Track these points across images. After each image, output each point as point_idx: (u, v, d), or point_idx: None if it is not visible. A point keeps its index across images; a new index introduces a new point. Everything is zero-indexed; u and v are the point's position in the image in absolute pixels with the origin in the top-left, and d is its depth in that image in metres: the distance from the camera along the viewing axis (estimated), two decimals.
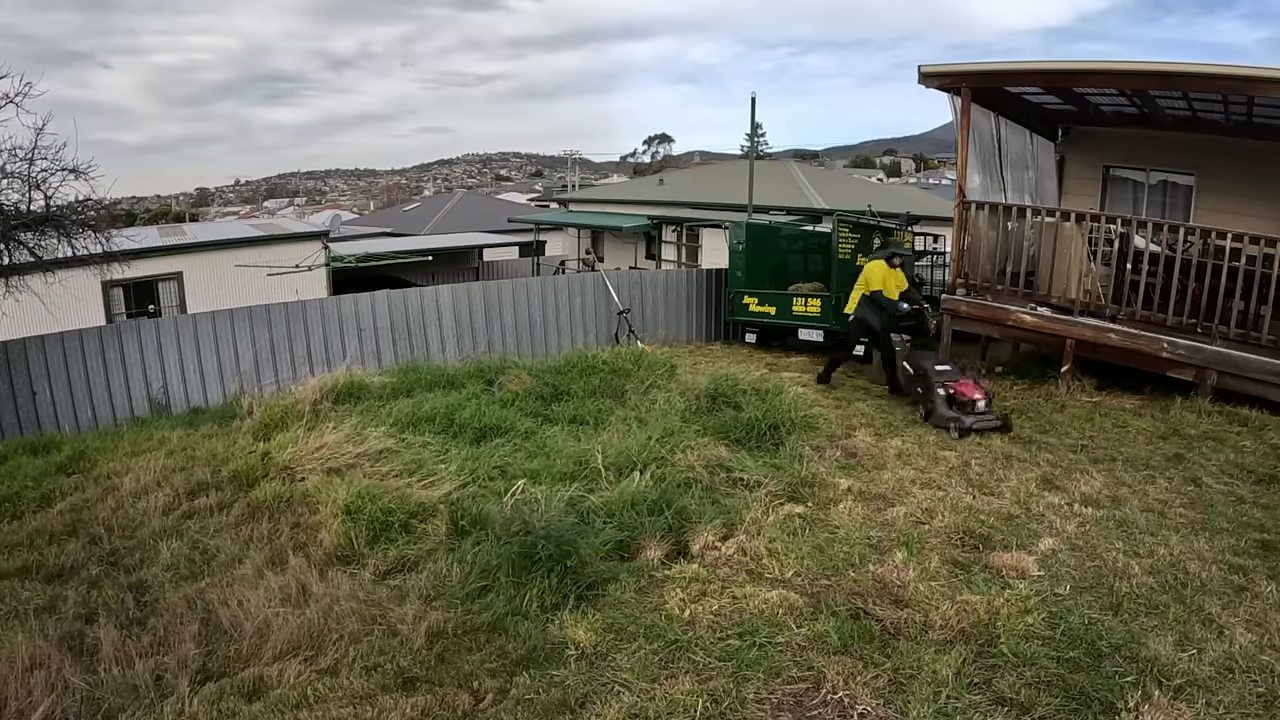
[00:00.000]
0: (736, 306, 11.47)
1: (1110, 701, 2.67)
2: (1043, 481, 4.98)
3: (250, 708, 2.77)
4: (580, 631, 3.18)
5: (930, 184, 54.78)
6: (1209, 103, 8.31)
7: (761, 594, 3.49)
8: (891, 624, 3.23)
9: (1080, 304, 7.62)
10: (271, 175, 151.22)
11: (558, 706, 2.73)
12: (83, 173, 7.76)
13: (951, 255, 9.20)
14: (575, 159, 57.77)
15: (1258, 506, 4.57)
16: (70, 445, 6.65)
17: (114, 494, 5.29)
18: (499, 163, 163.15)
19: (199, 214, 60.31)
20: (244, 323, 9.47)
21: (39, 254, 7.84)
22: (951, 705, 2.71)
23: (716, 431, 5.63)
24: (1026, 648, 3.02)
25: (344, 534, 4.18)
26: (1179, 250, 7.12)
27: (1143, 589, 3.51)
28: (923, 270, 13.49)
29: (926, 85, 8.42)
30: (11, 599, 3.86)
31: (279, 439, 5.64)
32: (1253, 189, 8.82)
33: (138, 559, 4.33)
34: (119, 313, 14.46)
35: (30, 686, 2.98)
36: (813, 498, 4.69)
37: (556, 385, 7.02)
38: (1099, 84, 8.18)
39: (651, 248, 21.42)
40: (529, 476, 4.81)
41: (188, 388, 9.21)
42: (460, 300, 10.74)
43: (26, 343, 8.47)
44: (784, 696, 2.82)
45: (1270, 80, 6.40)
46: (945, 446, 5.78)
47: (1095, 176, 10.51)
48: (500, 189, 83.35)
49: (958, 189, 8.66)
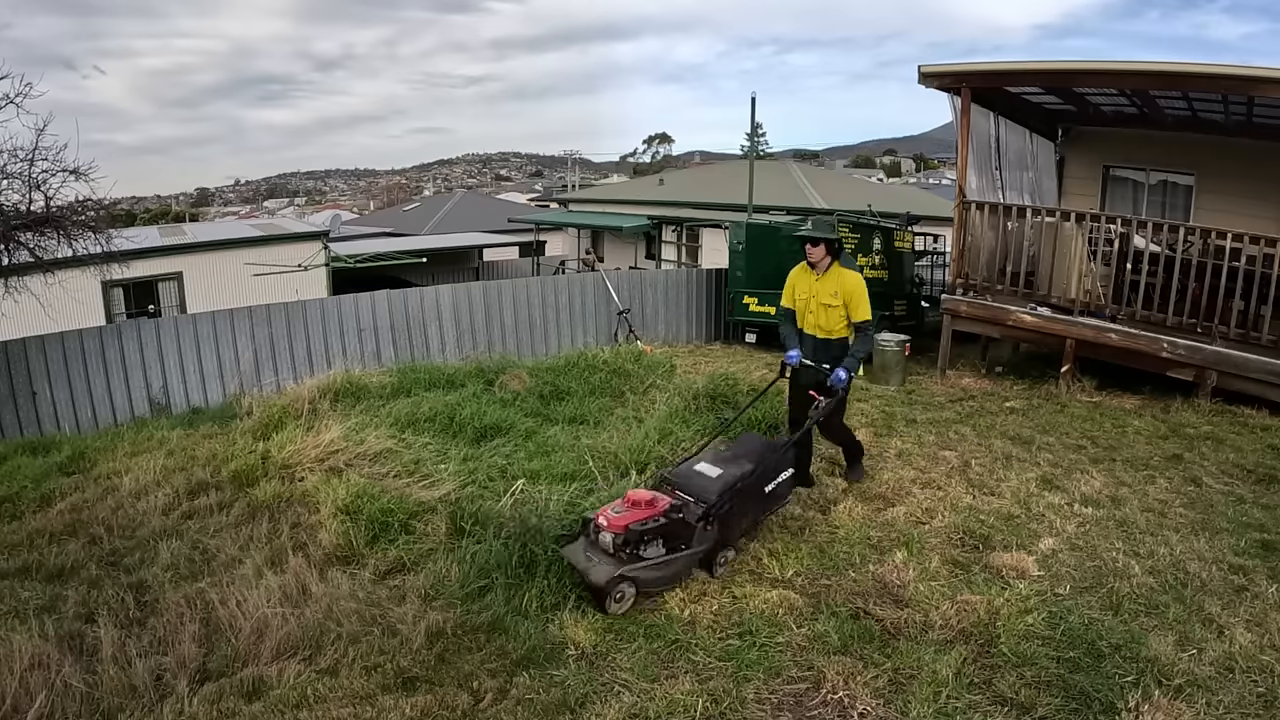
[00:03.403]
0: (736, 306, 11.47)
1: (1110, 701, 2.67)
2: (1043, 481, 4.98)
3: (250, 708, 2.77)
4: (580, 631, 3.18)
5: (930, 184, 54.74)
6: (1209, 103, 8.31)
7: (761, 594, 3.49)
8: (891, 624, 3.23)
9: (1080, 304, 7.62)
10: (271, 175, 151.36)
11: (558, 706, 2.73)
12: (83, 174, 7.77)
13: (951, 255, 9.20)
14: (575, 159, 57.84)
15: (1258, 506, 4.57)
16: (70, 445, 6.65)
17: (114, 494, 5.28)
18: (499, 163, 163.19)
19: (199, 214, 60.33)
20: (244, 323, 9.47)
21: (39, 254, 7.84)
22: (951, 705, 2.71)
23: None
24: (1026, 648, 3.02)
25: (343, 534, 4.18)
26: (1179, 250, 7.12)
27: (1143, 589, 3.51)
28: (923, 270, 13.51)
29: (926, 85, 8.43)
30: (11, 599, 3.85)
31: (278, 439, 5.64)
32: (1253, 189, 8.82)
33: (138, 559, 4.32)
34: (119, 313, 14.46)
35: (30, 686, 2.98)
36: (813, 498, 4.69)
37: (556, 385, 7.02)
38: (1099, 84, 8.18)
39: (651, 248, 21.41)
40: (529, 476, 4.81)
41: (188, 388, 9.21)
42: (460, 300, 10.74)
43: (26, 343, 8.46)
44: (784, 696, 2.82)
45: (1270, 80, 6.40)
46: (945, 446, 5.78)
47: (1095, 176, 10.51)
48: (500, 189, 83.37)
49: (958, 189, 8.65)
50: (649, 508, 3.54)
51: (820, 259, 4.65)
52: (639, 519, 3.47)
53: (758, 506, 3.98)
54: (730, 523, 3.75)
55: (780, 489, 4.09)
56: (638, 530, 3.43)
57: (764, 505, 4.04)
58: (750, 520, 3.96)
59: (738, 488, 3.76)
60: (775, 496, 4.08)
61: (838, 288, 4.61)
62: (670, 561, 3.49)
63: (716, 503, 3.67)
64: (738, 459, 4.02)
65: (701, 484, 3.83)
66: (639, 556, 3.43)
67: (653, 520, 3.50)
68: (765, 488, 3.97)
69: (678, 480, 3.94)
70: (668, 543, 3.53)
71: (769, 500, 4.05)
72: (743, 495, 3.79)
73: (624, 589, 3.39)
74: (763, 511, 4.07)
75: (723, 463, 3.99)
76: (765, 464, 3.94)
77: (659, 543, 3.51)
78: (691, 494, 3.79)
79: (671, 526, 3.54)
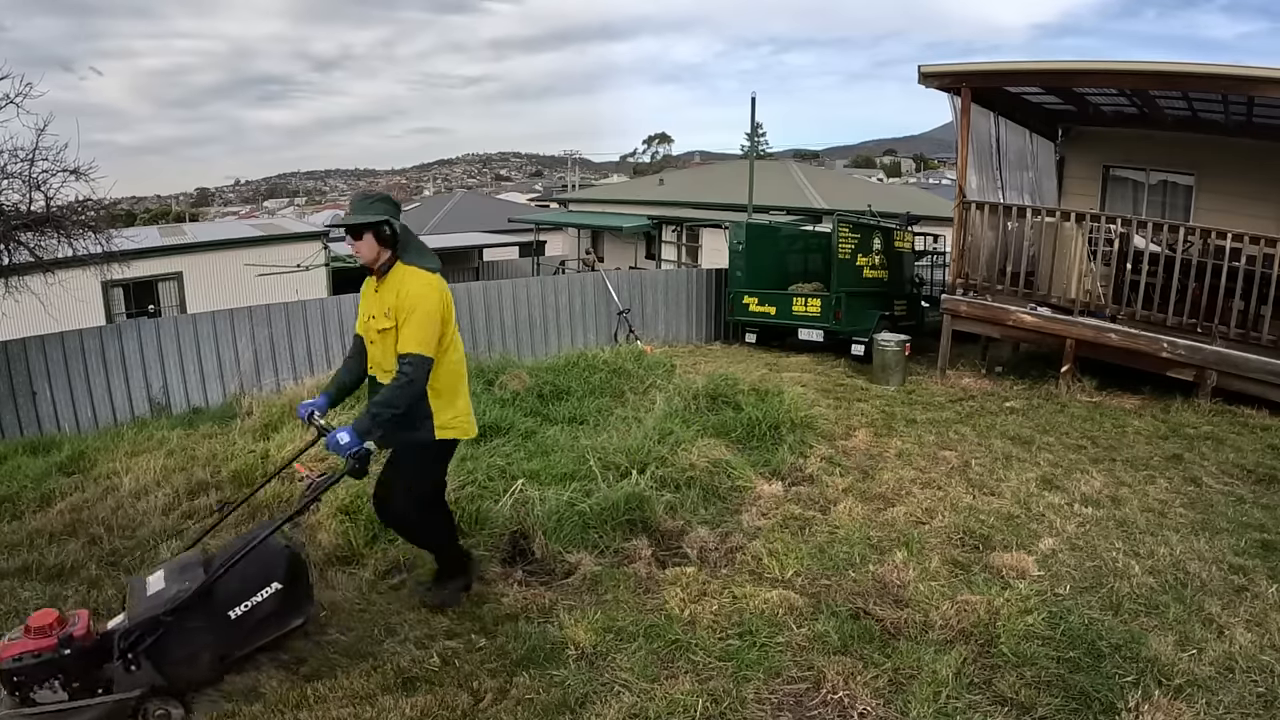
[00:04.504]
0: (736, 306, 11.47)
1: (1110, 701, 2.67)
2: (1043, 481, 4.98)
3: (250, 708, 2.77)
4: (580, 631, 3.18)
5: (930, 184, 54.77)
6: (1209, 103, 8.32)
7: (761, 594, 3.49)
8: (891, 624, 3.23)
9: (1080, 304, 7.62)
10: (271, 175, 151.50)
11: (558, 706, 2.73)
12: (83, 173, 7.79)
13: (951, 255, 9.20)
14: (575, 159, 57.91)
15: (1258, 506, 4.57)
16: (70, 445, 6.64)
17: (114, 494, 5.28)
18: (499, 163, 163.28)
19: (199, 214, 60.37)
20: (244, 323, 9.47)
21: (39, 254, 7.85)
22: (951, 705, 2.71)
23: (716, 431, 5.63)
24: (1026, 648, 3.01)
25: (343, 534, 4.18)
26: (1179, 250, 7.12)
27: (1143, 589, 3.51)
28: (923, 270, 13.51)
29: (927, 85, 8.43)
30: (11, 599, 3.85)
31: (278, 438, 5.65)
32: (1253, 189, 8.83)
33: (138, 559, 4.32)
34: (119, 313, 14.47)
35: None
36: (813, 498, 4.69)
37: (556, 385, 7.01)
38: (1099, 84, 8.19)
39: (651, 248, 21.43)
40: (528, 476, 4.81)
41: (188, 388, 9.21)
42: (460, 300, 10.74)
43: (26, 343, 8.46)
44: (784, 696, 2.81)
45: (1270, 80, 6.40)
46: (945, 446, 5.78)
47: (1095, 176, 10.52)
48: (500, 189, 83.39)
49: (958, 189, 8.66)
50: (39, 636, 2.59)
51: (372, 257, 3.05)
52: (14, 653, 2.56)
53: (219, 639, 2.78)
54: (169, 662, 2.69)
55: (261, 610, 2.83)
56: (8, 670, 2.54)
57: (234, 637, 2.81)
58: (210, 659, 2.79)
59: (164, 616, 2.66)
60: (253, 623, 2.83)
61: (393, 303, 3.01)
62: (73, 710, 2.58)
63: (129, 634, 2.65)
64: (194, 566, 2.90)
65: (134, 604, 2.79)
66: (30, 700, 2.57)
67: (30, 656, 2.56)
68: (230, 611, 2.78)
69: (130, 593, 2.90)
70: (74, 684, 2.60)
71: (242, 629, 2.82)
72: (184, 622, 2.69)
73: None
74: (236, 646, 2.84)
75: (176, 572, 2.89)
76: (226, 576, 2.78)
77: (56, 684, 2.59)
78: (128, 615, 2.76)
79: (69, 663, 2.59)
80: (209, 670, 2.82)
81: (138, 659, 2.64)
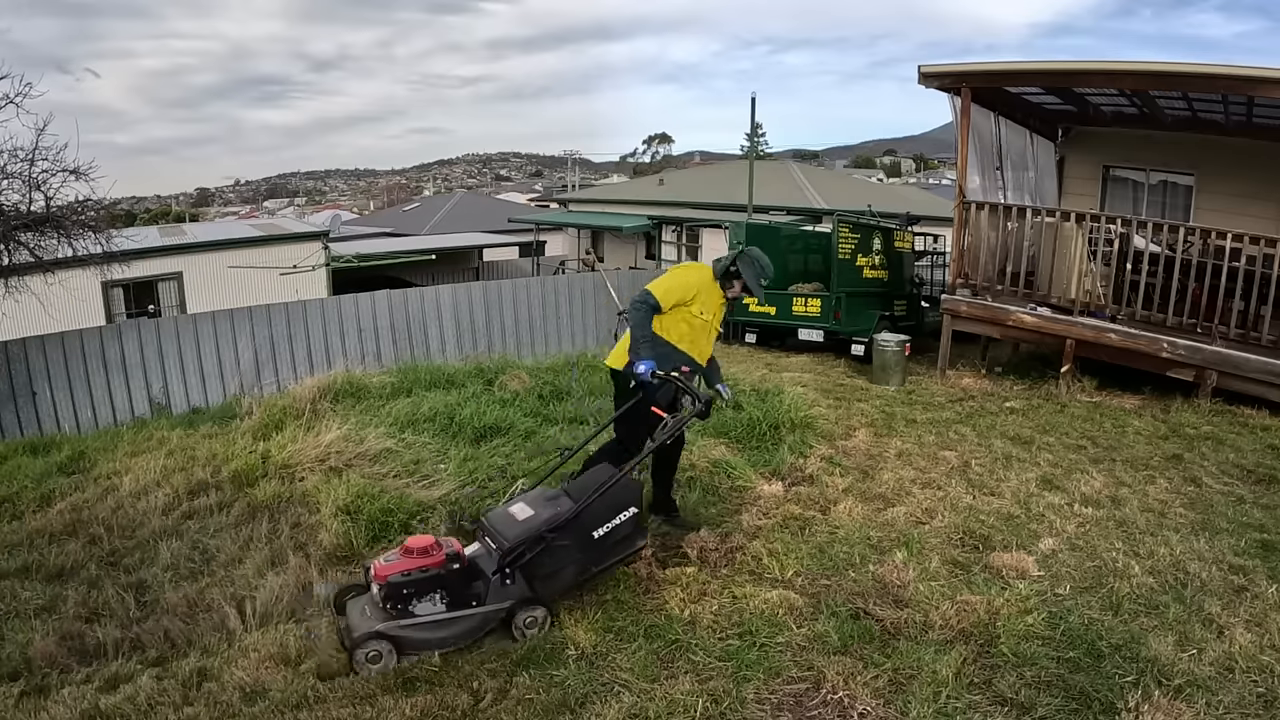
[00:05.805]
0: (736, 306, 11.45)
1: (1110, 701, 2.67)
2: (1043, 481, 4.98)
3: (250, 709, 2.77)
4: (580, 631, 3.18)
5: (930, 184, 54.76)
6: (1209, 103, 8.32)
7: (761, 594, 3.48)
8: (891, 624, 3.23)
9: (1080, 304, 7.62)
10: (271, 175, 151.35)
11: (558, 706, 2.73)
12: (83, 174, 7.79)
13: (951, 255, 9.20)
14: (575, 159, 57.92)
15: (1258, 506, 4.57)
16: (70, 445, 6.65)
17: (114, 494, 5.29)
18: (499, 163, 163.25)
19: (199, 214, 60.40)
20: (244, 323, 9.48)
21: (39, 254, 7.85)
22: (951, 705, 2.71)
23: (716, 431, 5.63)
24: (1026, 648, 3.01)
25: (343, 534, 4.18)
26: (1179, 250, 7.12)
27: (1143, 589, 3.51)
28: (923, 270, 13.51)
29: (927, 85, 8.43)
30: (11, 599, 3.85)
31: (278, 439, 5.65)
32: (1253, 189, 8.84)
33: (138, 559, 4.33)
34: (119, 313, 14.46)
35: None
36: (813, 498, 4.69)
37: (556, 385, 7.02)
38: (1099, 84, 8.19)
39: (651, 248, 21.43)
40: (528, 477, 4.81)
41: (188, 388, 9.22)
42: (460, 300, 10.75)
43: (26, 343, 8.47)
44: (784, 696, 2.81)
45: (1270, 80, 6.41)
46: (945, 446, 5.78)
47: (1095, 176, 10.52)
48: (500, 189, 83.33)
49: (958, 189, 8.66)
50: (420, 557, 3.01)
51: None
52: (402, 569, 2.98)
53: (584, 556, 3.23)
54: (539, 576, 3.14)
55: (619, 533, 3.29)
56: (397, 583, 2.95)
57: (594, 555, 3.27)
58: (574, 573, 3.24)
59: (546, 533, 3.12)
60: (612, 543, 3.29)
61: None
62: (450, 621, 2.99)
63: (511, 551, 3.07)
64: (558, 498, 3.34)
65: (505, 529, 3.21)
66: (407, 612, 2.96)
67: (418, 572, 2.98)
68: (594, 532, 3.24)
69: (489, 523, 3.33)
70: (450, 598, 3.02)
71: (601, 548, 3.28)
72: (556, 542, 3.14)
73: (378, 649, 2.91)
74: (595, 563, 3.29)
75: (541, 502, 3.33)
76: (592, 503, 3.23)
77: (436, 598, 3.00)
78: (495, 540, 3.20)
79: (450, 579, 3.01)
80: (571, 583, 3.28)
81: (514, 573, 3.07)
